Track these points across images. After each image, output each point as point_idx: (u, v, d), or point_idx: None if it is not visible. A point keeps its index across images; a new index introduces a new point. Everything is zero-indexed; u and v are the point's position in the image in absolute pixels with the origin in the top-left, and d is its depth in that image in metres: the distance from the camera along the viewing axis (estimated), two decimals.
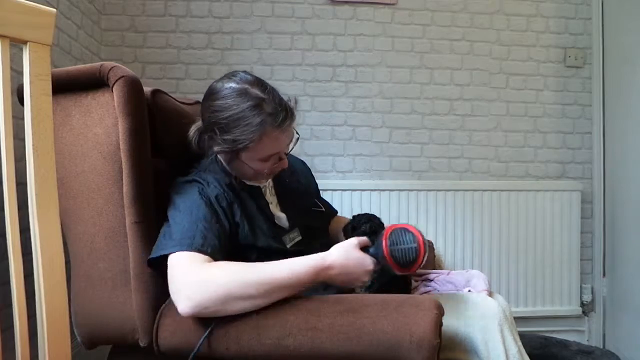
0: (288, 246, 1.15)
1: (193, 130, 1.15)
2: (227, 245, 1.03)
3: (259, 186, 1.19)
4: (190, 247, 0.95)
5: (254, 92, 1.06)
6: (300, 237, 1.21)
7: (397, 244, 0.96)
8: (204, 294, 0.90)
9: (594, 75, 2.24)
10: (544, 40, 2.25)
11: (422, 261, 0.96)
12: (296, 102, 1.12)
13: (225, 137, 1.05)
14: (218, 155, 1.13)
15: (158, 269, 1.00)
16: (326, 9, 2.14)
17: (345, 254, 0.98)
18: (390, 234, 0.98)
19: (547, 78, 2.25)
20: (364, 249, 1.01)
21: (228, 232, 1.05)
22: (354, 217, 1.28)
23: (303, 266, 0.95)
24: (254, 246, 1.09)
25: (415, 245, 0.95)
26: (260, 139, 1.05)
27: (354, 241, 1.01)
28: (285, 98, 1.11)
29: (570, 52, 2.25)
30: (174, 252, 0.95)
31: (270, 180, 1.24)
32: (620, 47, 2.10)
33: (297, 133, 1.15)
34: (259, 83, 1.09)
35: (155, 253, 0.98)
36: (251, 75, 1.10)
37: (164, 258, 0.97)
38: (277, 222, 1.17)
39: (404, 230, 0.98)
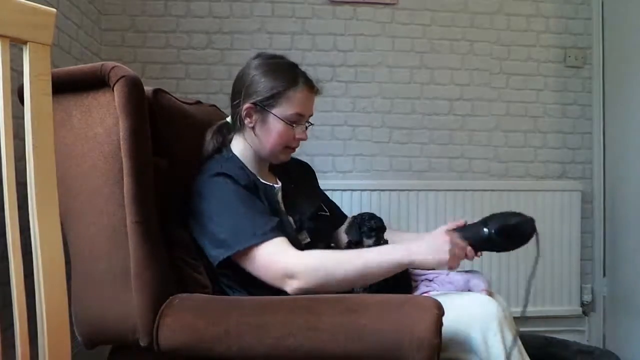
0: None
1: (214, 128, 1.24)
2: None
3: (272, 186, 1.23)
4: (269, 235, 1.05)
5: (288, 59, 1.23)
6: (308, 240, 1.24)
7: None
8: (309, 277, 1.02)
9: (594, 75, 2.24)
10: (544, 40, 2.25)
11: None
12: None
13: (264, 86, 1.15)
14: (242, 124, 1.19)
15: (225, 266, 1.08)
16: (326, 9, 2.14)
17: (430, 237, 1.08)
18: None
19: (547, 78, 2.25)
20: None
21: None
22: (354, 217, 1.31)
23: (391, 254, 1.06)
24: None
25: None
26: (295, 88, 1.16)
27: (442, 227, 1.10)
28: None
29: (570, 52, 2.25)
30: (257, 244, 1.04)
31: (280, 183, 1.28)
32: (620, 47, 2.10)
33: (311, 122, 1.25)
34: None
35: (229, 251, 1.05)
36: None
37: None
38: (287, 223, 1.21)
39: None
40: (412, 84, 2.19)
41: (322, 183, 1.51)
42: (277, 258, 1.04)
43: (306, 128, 1.23)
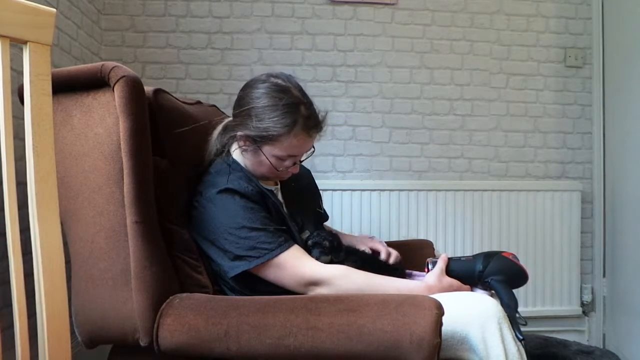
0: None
1: (219, 129, 1.24)
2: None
3: (271, 190, 1.23)
4: (284, 246, 1.08)
5: (295, 93, 1.15)
6: None
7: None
8: (335, 286, 1.06)
9: (594, 75, 2.24)
10: (544, 40, 2.25)
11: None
12: (325, 115, 1.21)
13: (258, 125, 1.12)
14: (237, 144, 1.19)
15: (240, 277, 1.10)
16: (326, 9, 2.14)
17: (439, 278, 1.13)
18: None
19: (547, 78, 2.25)
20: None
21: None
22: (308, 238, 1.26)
23: (409, 287, 1.11)
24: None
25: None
26: (288, 134, 1.12)
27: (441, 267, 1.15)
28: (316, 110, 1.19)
29: (570, 52, 2.25)
30: (277, 255, 1.07)
31: (278, 183, 1.28)
32: (620, 47, 2.10)
33: (313, 147, 1.23)
34: (301, 88, 1.18)
35: (248, 265, 1.07)
36: (295, 79, 1.20)
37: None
38: (289, 222, 1.21)
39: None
40: (412, 84, 2.19)
41: (322, 183, 1.52)
42: (300, 267, 1.08)
43: (301, 162, 1.23)
